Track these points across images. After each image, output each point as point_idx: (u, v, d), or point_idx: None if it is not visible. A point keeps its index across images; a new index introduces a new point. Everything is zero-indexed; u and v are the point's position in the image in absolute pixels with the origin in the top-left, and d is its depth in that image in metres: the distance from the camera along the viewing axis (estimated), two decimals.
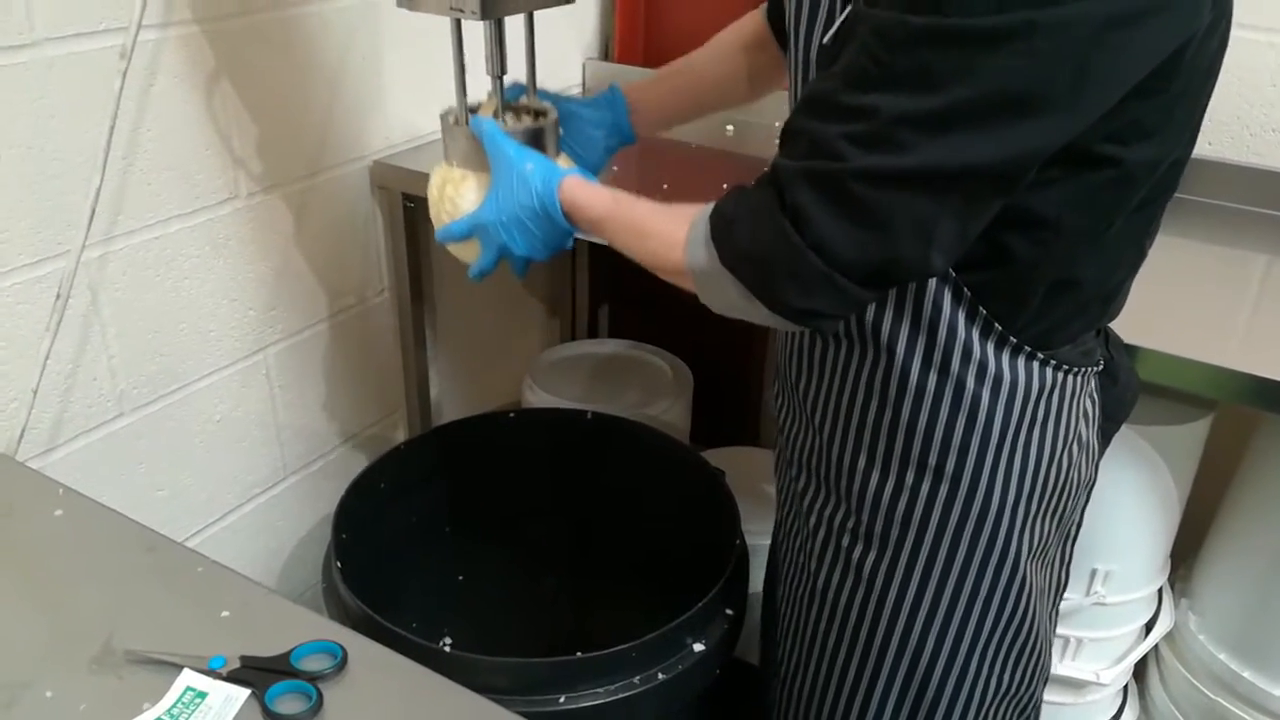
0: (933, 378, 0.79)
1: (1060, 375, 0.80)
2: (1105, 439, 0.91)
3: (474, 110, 0.97)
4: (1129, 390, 0.91)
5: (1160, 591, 1.35)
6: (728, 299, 0.73)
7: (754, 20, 1.03)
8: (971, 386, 0.78)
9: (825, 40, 0.73)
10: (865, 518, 0.86)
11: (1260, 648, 1.22)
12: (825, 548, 0.91)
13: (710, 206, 0.74)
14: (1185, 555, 1.39)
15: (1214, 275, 1.21)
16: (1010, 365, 0.78)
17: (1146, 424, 1.16)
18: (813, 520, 0.92)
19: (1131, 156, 0.69)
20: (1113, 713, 1.42)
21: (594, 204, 0.83)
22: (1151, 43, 0.63)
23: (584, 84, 1.83)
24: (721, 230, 0.72)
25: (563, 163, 0.95)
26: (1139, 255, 0.81)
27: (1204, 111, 0.74)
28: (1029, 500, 0.83)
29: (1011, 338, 0.77)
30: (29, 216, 1.03)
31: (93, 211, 1.04)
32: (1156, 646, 1.36)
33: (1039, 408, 0.80)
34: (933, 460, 0.81)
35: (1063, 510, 0.87)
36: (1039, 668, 0.93)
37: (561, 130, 0.98)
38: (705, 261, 0.73)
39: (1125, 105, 0.65)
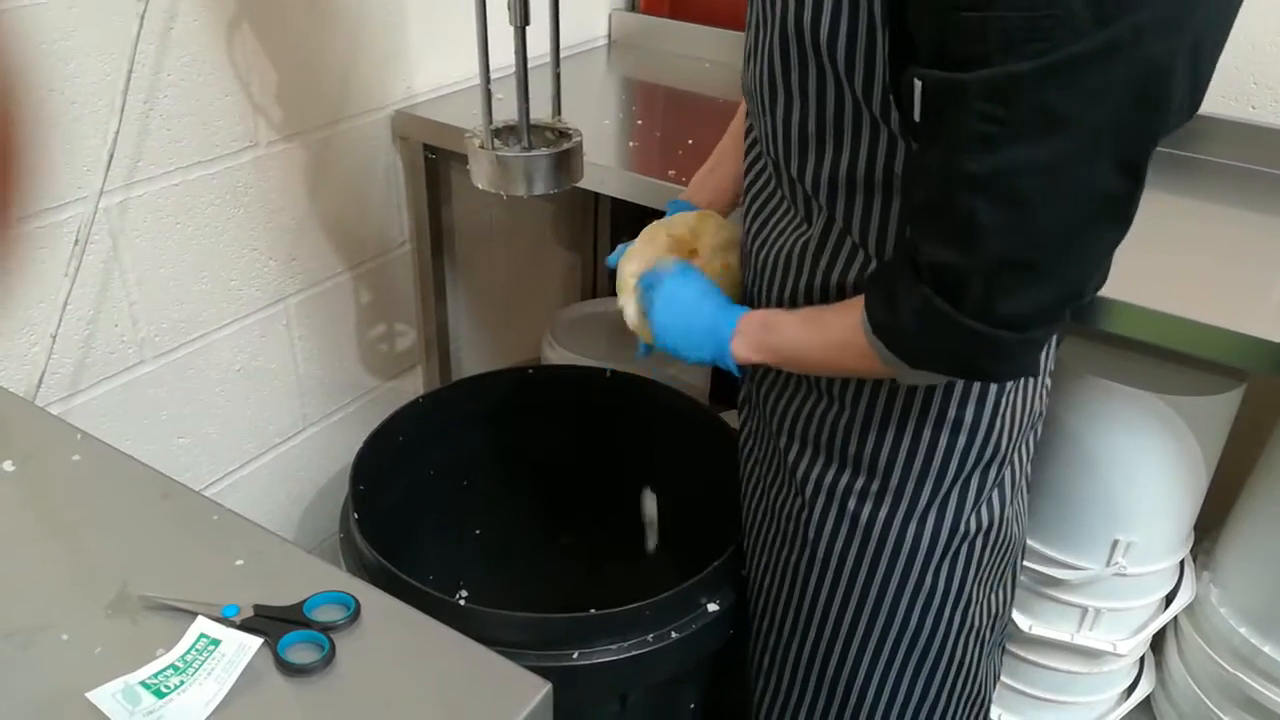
0: None
1: None
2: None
3: (498, 132, 0.96)
4: None
5: (1182, 563, 1.33)
6: (936, 379, 0.78)
7: None
8: None
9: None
10: (875, 476, 0.89)
11: None
12: (826, 512, 0.93)
13: (866, 316, 0.75)
14: (1209, 527, 1.37)
15: (1248, 242, 1.17)
16: None
17: (1176, 394, 1.14)
18: (809, 488, 0.94)
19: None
20: (1128, 683, 1.41)
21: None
22: None
23: (609, 36, 1.80)
24: (898, 344, 0.73)
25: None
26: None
27: None
28: (1024, 433, 0.89)
29: None
30: (48, 160, 1.02)
31: (110, 156, 1.03)
32: (1176, 618, 1.35)
33: None
34: (951, 414, 0.85)
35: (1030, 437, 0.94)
36: (1017, 566, 1.02)
37: None
38: (898, 366, 0.75)
39: None
